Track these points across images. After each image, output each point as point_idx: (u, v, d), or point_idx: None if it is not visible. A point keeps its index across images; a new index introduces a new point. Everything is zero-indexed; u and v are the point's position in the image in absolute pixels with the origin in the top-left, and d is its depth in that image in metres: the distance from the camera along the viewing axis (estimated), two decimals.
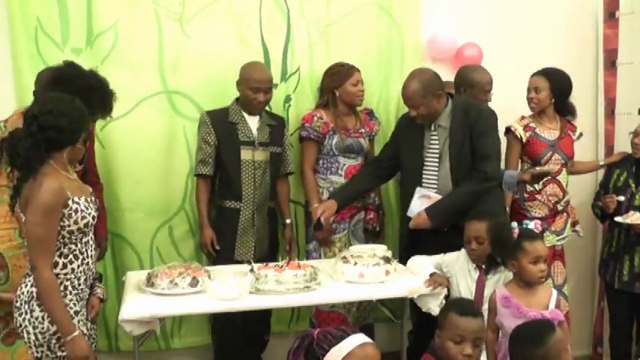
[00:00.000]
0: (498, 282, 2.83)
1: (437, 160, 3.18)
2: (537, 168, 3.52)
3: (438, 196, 3.14)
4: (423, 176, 3.23)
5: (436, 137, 3.19)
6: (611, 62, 4.10)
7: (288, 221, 3.58)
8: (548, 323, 2.28)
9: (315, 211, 3.26)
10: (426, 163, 3.22)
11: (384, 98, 3.82)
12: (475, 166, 3.11)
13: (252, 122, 3.39)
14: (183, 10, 3.49)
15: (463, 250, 2.97)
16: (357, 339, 1.95)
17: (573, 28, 4.18)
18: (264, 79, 3.33)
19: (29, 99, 3.13)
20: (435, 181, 3.20)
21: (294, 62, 3.68)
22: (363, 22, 3.78)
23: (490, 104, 3.54)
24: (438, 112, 3.14)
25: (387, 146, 3.48)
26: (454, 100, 3.21)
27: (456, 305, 2.45)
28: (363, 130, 3.60)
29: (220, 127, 3.34)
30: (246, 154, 3.35)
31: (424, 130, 3.22)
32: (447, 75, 3.88)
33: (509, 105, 3.71)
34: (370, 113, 3.72)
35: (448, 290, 2.90)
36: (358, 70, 3.54)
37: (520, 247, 2.51)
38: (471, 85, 3.48)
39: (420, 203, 3.17)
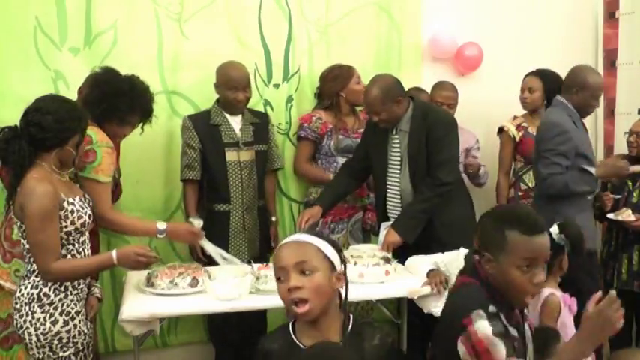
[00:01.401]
0: None
1: (399, 164, 3.20)
2: (631, 168, 3.29)
3: None
4: (388, 180, 3.25)
5: (398, 141, 3.20)
6: (610, 62, 4.11)
7: (273, 219, 3.56)
8: (554, 332, 2.27)
9: (300, 221, 3.19)
10: (389, 167, 3.24)
11: None
12: (429, 173, 3.11)
13: (235, 123, 3.35)
14: (181, 10, 3.48)
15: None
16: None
17: (573, 28, 4.18)
18: (240, 77, 3.27)
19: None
20: (398, 185, 3.22)
21: (295, 62, 3.68)
22: (363, 23, 3.78)
23: (489, 104, 3.54)
24: (398, 117, 3.14)
25: (357, 148, 3.46)
26: (415, 104, 3.19)
27: (519, 222, 1.80)
28: (362, 131, 3.59)
29: (203, 130, 3.30)
30: (231, 155, 3.31)
31: (388, 133, 3.23)
32: (447, 75, 3.89)
33: (510, 105, 3.72)
34: None
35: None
36: (355, 69, 3.57)
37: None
38: (584, 87, 3.22)
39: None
